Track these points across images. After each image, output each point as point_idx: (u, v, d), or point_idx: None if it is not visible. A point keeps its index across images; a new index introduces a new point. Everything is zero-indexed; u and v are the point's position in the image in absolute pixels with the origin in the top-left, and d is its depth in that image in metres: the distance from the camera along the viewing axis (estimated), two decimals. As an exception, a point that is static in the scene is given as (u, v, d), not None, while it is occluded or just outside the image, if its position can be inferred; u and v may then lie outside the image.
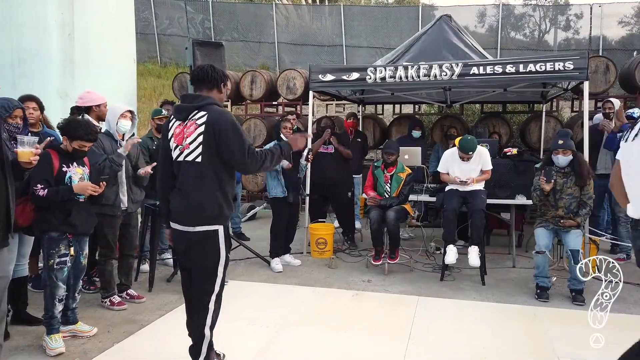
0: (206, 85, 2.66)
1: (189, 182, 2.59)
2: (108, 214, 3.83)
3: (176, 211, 2.64)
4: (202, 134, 2.53)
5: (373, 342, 3.43)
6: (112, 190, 3.83)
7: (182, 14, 16.68)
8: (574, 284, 4.25)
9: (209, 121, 2.54)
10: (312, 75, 5.64)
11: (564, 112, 9.82)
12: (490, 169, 4.90)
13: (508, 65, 4.96)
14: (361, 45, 15.31)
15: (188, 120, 2.59)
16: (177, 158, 2.63)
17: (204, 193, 2.58)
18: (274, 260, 5.21)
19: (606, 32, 14.05)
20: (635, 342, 2.36)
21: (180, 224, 2.63)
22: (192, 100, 2.64)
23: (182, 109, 2.66)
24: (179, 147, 2.61)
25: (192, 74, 2.78)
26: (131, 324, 3.69)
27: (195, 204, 2.57)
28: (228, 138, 2.52)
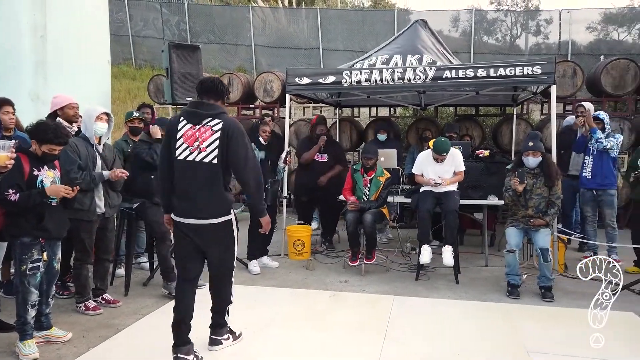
0: (214, 96, 3.02)
1: (202, 180, 2.94)
2: (84, 219, 3.79)
3: (188, 207, 2.98)
4: (219, 139, 2.92)
5: (350, 341, 3.48)
6: (87, 196, 3.79)
7: (158, 15, 16.51)
8: (543, 281, 4.39)
9: (224, 128, 2.93)
10: (289, 78, 5.68)
11: (534, 114, 10.10)
12: (463, 170, 5.03)
13: (479, 70, 5.09)
14: (338, 48, 15.43)
15: (202, 125, 2.94)
16: (185, 157, 2.94)
17: (218, 190, 2.97)
18: (252, 262, 5.23)
19: (575, 37, 14.50)
20: None
21: (194, 218, 2.98)
22: (207, 108, 2.98)
23: (196, 114, 2.97)
24: (189, 147, 2.94)
25: (201, 84, 3.07)
26: (107, 328, 3.66)
27: (211, 199, 2.96)
28: (238, 144, 2.94)
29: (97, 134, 3.91)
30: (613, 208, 5.46)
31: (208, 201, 2.97)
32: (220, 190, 2.99)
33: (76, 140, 3.85)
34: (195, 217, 2.98)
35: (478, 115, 9.35)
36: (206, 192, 2.95)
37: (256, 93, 9.23)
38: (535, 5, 18.73)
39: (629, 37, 14.78)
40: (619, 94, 7.69)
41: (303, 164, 6.20)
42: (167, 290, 4.35)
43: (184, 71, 4.91)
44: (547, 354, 3.25)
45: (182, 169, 2.96)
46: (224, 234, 3.06)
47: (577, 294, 4.51)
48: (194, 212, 2.98)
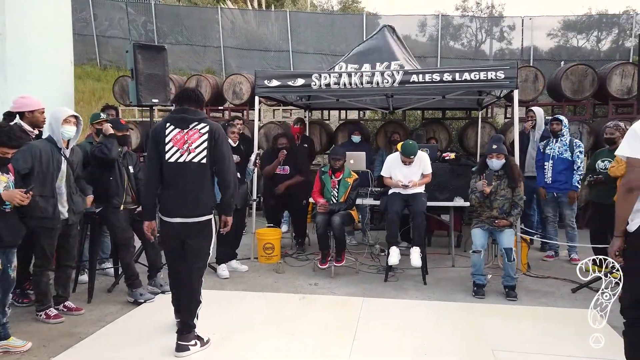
0: (195, 104, 3.31)
1: (192, 180, 3.20)
2: (47, 226, 3.67)
3: (178, 206, 3.21)
4: (206, 140, 3.20)
5: (319, 343, 3.49)
6: (49, 202, 3.66)
7: (123, 15, 16.15)
8: (507, 280, 4.50)
9: (211, 130, 3.22)
10: (258, 80, 5.66)
11: (498, 118, 10.38)
12: (430, 172, 5.12)
13: (445, 74, 5.20)
14: (308, 51, 15.47)
15: (190, 129, 3.21)
16: (176, 160, 3.18)
17: (205, 189, 3.25)
18: (221, 266, 5.17)
19: (536, 43, 15.00)
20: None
21: (181, 217, 3.21)
22: (193, 114, 3.25)
23: (184, 119, 3.23)
24: (179, 150, 3.19)
25: (182, 93, 3.35)
26: (69, 337, 3.55)
27: (197, 198, 3.21)
28: (223, 145, 3.26)
29: (64, 138, 3.77)
30: (572, 209, 5.67)
31: (196, 200, 3.22)
32: (208, 189, 3.28)
33: (40, 142, 3.72)
34: (184, 216, 3.22)
35: (445, 118, 9.54)
36: (195, 191, 3.21)
37: (225, 95, 9.15)
38: (498, 11, 19.28)
39: (587, 43, 15.37)
40: (577, 99, 8.00)
41: (266, 176, 6.18)
42: (132, 298, 4.25)
43: (149, 72, 4.82)
44: (511, 352, 3.34)
45: (172, 170, 3.20)
46: (204, 232, 3.31)
47: (539, 292, 4.65)
48: (183, 211, 3.21)
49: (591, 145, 7.65)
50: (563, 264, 5.69)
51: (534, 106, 6.73)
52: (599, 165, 5.23)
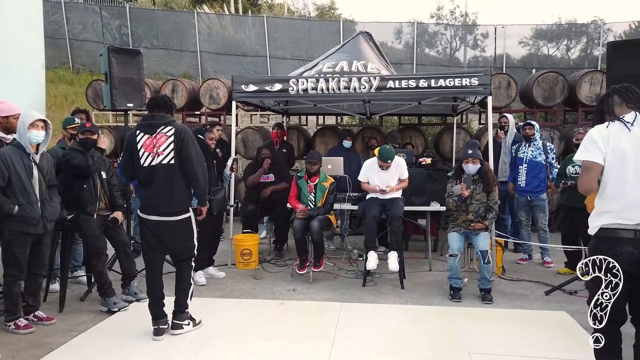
0: (164, 109, 3.55)
1: (163, 181, 3.45)
2: (30, 232, 3.61)
3: (153, 205, 3.50)
4: (173, 142, 3.44)
5: (297, 350, 3.47)
6: (35, 209, 3.63)
7: (97, 18, 15.89)
8: (483, 283, 4.57)
9: (176, 132, 3.46)
10: (235, 85, 5.63)
11: (473, 124, 10.57)
12: (406, 177, 5.17)
13: (421, 80, 5.27)
14: (285, 56, 15.48)
15: (157, 133, 3.46)
16: (149, 163, 3.44)
17: (176, 188, 3.48)
18: (197, 273, 5.09)
19: (509, 51, 15.37)
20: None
21: (157, 215, 3.49)
22: (159, 119, 3.50)
23: (151, 125, 3.49)
24: (150, 154, 3.44)
25: (151, 101, 3.59)
26: (39, 347, 3.44)
27: (170, 197, 3.47)
28: (189, 144, 3.48)
29: (32, 143, 3.67)
30: (545, 212, 5.80)
31: (169, 199, 3.48)
32: (179, 189, 3.50)
33: (8, 149, 3.61)
34: (158, 214, 3.49)
35: (421, 124, 9.66)
36: (167, 191, 3.47)
37: (202, 100, 9.07)
38: (472, 20, 19.69)
39: (557, 52, 15.84)
40: (549, 105, 8.21)
41: (250, 186, 6.23)
42: (105, 307, 4.15)
43: (124, 76, 4.74)
44: (488, 355, 3.38)
45: (146, 173, 3.47)
46: (183, 230, 3.60)
47: (513, 295, 4.73)
48: (158, 209, 3.49)
49: (562, 151, 7.85)
50: (536, 267, 5.80)
51: (506, 112, 6.90)
52: (569, 170, 5.37)
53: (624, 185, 2.42)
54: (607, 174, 2.46)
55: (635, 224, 2.39)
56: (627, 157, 2.41)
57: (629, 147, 2.41)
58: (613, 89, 2.60)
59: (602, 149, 2.44)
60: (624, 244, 2.39)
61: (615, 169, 2.43)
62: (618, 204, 2.43)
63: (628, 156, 2.41)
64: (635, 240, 2.38)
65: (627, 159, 2.41)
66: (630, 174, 2.41)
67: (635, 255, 2.37)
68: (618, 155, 2.42)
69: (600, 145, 2.44)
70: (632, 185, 2.40)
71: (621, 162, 2.41)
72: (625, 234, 2.40)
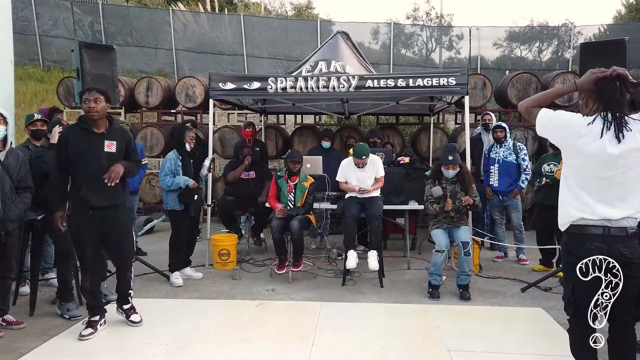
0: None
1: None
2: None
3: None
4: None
5: (277, 350, 3.43)
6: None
7: (68, 14, 15.46)
8: (462, 279, 4.60)
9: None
10: (212, 83, 5.55)
11: (449, 124, 10.70)
12: (382, 175, 5.18)
13: (399, 80, 5.30)
14: (262, 55, 15.37)
15: None
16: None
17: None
18: (174, 274, 5.00)
19: (483, 52, 15.62)
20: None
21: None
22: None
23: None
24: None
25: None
26: (9, 352, 3.31)
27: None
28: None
29: None
30: (518, 211, 5.89)
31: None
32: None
33: None
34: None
35: (398, 124, 9.73)
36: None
37: (177, 98, 8.93)
38: (447, 21, 19.95)
39: (529, 54, 16.17)
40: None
41: (230, 182, 6.22)
42: (59, 311, 4.02)
43: (96, 72, 4.59)
44: (467, 352, 3.41)
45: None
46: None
47: (490, 292, 4.79)
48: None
49: (536, 150, 8.01)
50: (512, 264, 5.90)
51: (488, 111, 7.01)
52: (545, 169, 5.48)
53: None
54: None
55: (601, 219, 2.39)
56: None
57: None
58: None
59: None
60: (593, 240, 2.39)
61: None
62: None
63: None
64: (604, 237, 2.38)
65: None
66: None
67: (604, 251, 2.36)
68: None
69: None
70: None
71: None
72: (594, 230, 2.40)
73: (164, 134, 8.49)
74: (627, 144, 2.31)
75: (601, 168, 2.36)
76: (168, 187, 4.91)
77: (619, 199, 2.36)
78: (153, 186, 8.48)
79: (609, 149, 2.32)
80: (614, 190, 2.36)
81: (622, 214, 2.35)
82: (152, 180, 8.47)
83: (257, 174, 6.20)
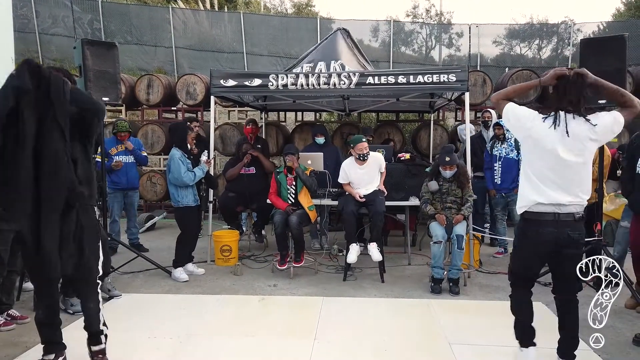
0: None
1: None
2: (5, 228, 3.46)
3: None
4: None
5: (280, 345, 3.46)
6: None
7: (68, 12, 15.43)
8: (453, 273, 4.63)
9: None
10: (214, 80, 5.56)
11: (449, 121, 10.72)
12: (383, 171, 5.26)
13: (400, 76, 5.32)
14: (262, 53, 15.37)
15: None
16: None
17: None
18: (178, 270, 5.03)
19: (483, 50, 15.61)
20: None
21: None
22: None
23: None
24: None
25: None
26: (14, 347, 3.34)
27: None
28: None
29: None
30: (520, 207, 5.91)
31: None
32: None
33: None
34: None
35: (398, 120, 9.75)
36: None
37: (178, 95, 8.95)
38: (447, 19, 19.96)
39: (529, 51, 16.18)
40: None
41: (230, 179, 6.23)
42: (63, 306, 4.00)
43: (99, 69, 4.61)
44: (468, 345, 3.44)
45: None
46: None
47: (491, 287, 4.83)
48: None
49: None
50: (512, 259, 5.92)
51: (484, 109, 7.03)
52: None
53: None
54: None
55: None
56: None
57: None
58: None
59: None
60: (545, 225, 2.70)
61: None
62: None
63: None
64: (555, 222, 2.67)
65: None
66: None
67: (554, 234, 2.67)
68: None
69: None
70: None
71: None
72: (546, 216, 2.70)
73: (164, 132, 8.51)
74: (579, 141, 2.59)
75: (552, 159, 2.65)
76: (192, 181, 4.94)
77: (568, 187, 2.65)
78: (154, 183, 8.50)
79: (560, 144, 2.62)
80: (564, 180, 2.64)
81: (570, 201, 2.65)
82: (153, 177, 8.49)
83: (257, 170, 6.22)
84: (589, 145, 2.63)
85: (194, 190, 5.04)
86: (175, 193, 5.00)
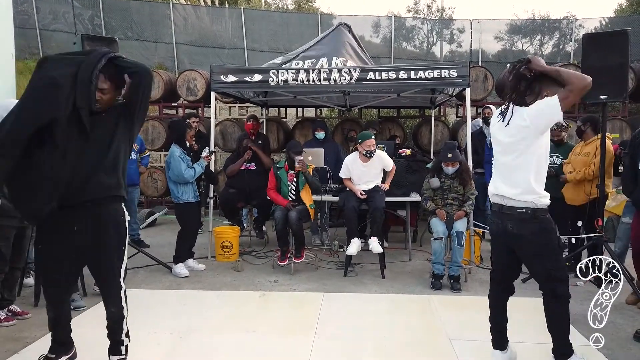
0: None
1: None
2: (7, 224, 3.49)
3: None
4: None
5: (280, 341, 3.46)
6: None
7: (68, 8, 15.42)
8: (453, 270, 4.63)
9: None
10: (214, 75, 5.55)
11: (450, 117, 10.70)
12: (393, 165, 5.25)
13: (401, 72, 5.30)
14: (263, 49, 15.33)
15: None
16: None
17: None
18: (178, 265, 5.04)
19: (484, 46, 15.56)
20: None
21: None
22: None
23: None
24: None
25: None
26: (15, 342, 3.35)
27: None
28: None
29: None
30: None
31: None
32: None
33: None
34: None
35: (399, 117, 9.72)
36: None
37: (179, 91, 8.94)
38: (449, 14, 19.89)
39: (531, 47, 16.11)
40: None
41: (230, 175, 6.22)
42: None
43: (100, 65, 4.59)
44: (468, 341, 3.44)
45: None
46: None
47: (492, 283, 4.81)
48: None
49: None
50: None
51: (489, 104, 7.04)
52: (546, 160, 5.50)
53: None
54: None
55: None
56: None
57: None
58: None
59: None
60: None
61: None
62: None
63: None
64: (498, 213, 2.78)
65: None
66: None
67: (499, 225, 2.78)
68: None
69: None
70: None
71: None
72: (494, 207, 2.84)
73: (165, 128, 8.50)
74: (515, 130, 2.62)
75: (500, 152, 2.78)
76: (192, 178, 4.96)
77: (512, 180, 2.69)
78: (155, 179, 8.51)
79: (502, 135, 2.71)
80: (510, 173, 2.71)
81: (513, 194, 2.68)
82: (154, 173, 8.49)
83: (257, 166, 6.21)
84: (524, 132, 2.60)
85: (193, 186, 5.05)
86: (175, 189, 5.00)
